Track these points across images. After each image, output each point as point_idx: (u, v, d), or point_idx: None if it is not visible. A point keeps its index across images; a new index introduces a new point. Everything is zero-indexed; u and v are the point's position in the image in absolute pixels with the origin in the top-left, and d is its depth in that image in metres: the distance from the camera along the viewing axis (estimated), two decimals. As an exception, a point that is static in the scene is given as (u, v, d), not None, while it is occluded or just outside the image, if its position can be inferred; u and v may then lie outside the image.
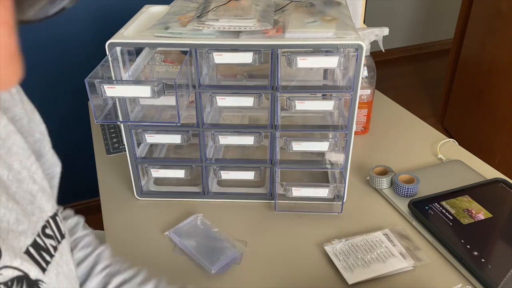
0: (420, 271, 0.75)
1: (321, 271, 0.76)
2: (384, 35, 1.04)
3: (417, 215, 0.84)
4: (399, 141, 1.12)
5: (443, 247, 0.78)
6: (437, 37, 3.66)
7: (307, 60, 0.74)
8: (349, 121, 0.81)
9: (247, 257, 0.79)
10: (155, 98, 0.70)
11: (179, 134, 0.85)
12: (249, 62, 0.75)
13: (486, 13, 2.14)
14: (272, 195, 0.91)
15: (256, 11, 0.81)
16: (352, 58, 0.74)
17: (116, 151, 1.10)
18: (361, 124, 1.14)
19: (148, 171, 0.90)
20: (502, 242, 0.77)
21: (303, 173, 0.99)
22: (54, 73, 1.66)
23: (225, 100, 0.80)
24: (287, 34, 0.76)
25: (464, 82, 2.39)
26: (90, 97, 0.69)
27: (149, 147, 0.96)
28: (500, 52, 2.03)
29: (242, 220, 0.87)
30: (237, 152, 1.03)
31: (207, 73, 0.88)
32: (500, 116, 2.07)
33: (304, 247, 0.81)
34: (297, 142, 0.84)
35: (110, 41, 0.76)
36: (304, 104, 0.79)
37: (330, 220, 0.87)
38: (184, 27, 0.79)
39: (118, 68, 0.80)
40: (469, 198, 0.87)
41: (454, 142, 1.10)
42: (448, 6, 3.43)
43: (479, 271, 0.71)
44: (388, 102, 1.31)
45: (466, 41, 2.34)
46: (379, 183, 0.93)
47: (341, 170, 0.87)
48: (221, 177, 0.89)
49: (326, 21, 0.79)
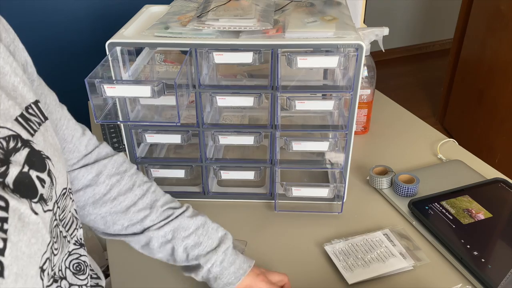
0: (420, 271, 0.75)
1: (321, 271, 0.76)
2: (384, 35, 1.04)
3: (417, 215, 0.84)
4: (399, 141, 1.12)
5: (443, 247, 0.78)
6: (437, 37, 3.66)
7: (307, 60, 0.74)
8: (349, 121, 0.81)
9: (247, 256, 0.79)
10: (155, 98, 0.70)
11: (179, 134, 0.85)
12: (249, 62, 0.75)
13: (486, 13, 2.14)
14: (272, 195, 0.91)
15: (256, 11, 0.81)
16: (352, 58, 0.74)
17: (116, 151, 1.10)
18: (361, 124, 1.14)
19: (148, 171, 0.90)
20: (502, 242, 0.77)
21: (303, 173, 0.99)
22: (54, 73, 1.66)
23: (225, 100, 0.80)
24: (287, 34, 0.76)
25: (464, 82, 2.39)
26: (90, 97, 0.69)
27: (149, 147, 0.96)
28: (500, 52, 2.03)
29: (242, 220, 0.87)
30: (237, 152, 1.03)
31: (207, 73, 0.88)
32: (500, 116, 2.07)
33: (304, 246, 0.81)
34: (297, 142, 0.84)
35: (110, 41, 0.76)
36: (304, 104, 0.79)
37: (330, 220, 0.87)
38: (184, 27, 0.79)
39: (118, 68, 0.80)
40: (469, 198, 0.87)
41: (454, 142, 1.10)
42: (448, 6, 3.43)
43: (479, 271, 0.71)
44: (388, 102, 1.31)
45: (466, 41, 2.34)
46: (379, 183, 0.92)
47: (341, 170, 0.87)
48: (221, 177, 0.89)
49: (326, 21, 0.79)
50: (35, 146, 0.43)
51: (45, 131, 0.47)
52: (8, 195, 0.37)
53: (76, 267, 0.54)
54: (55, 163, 0.46)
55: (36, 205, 0.41)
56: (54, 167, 0.46)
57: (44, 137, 0.46)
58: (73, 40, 1.65)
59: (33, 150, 0.43)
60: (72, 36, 1.64)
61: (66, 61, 1.67)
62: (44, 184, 0.43)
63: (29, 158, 0.42)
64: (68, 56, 1.67)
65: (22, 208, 0.39)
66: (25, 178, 0.41)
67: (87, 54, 1.68)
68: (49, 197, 0.44)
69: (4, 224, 0.36)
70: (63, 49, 1.65)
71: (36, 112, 0.46)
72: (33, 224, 0.40)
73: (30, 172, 0.41)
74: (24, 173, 0.41)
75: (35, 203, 0.41)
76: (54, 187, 0.45)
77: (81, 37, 1.66)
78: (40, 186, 0.43)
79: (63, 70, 1.67)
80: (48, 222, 0.43)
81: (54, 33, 1.60)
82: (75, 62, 1.68)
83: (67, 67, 1.67)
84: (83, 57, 1.68)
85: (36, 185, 0.42)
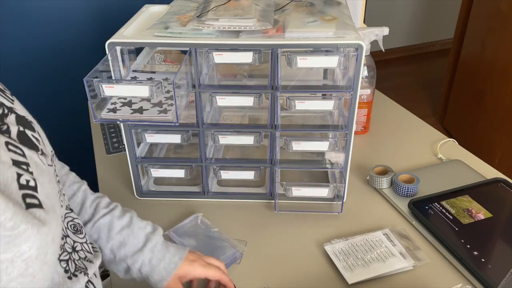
0: (420, 271, 0.75)
1: (321, 271, 0.76)
2: (384, 35, 1.04)
3: (417, 215, 0.84)
4: (399, 141, 1.11)
5: (443, 247, 0.78)
6: (437, 37, 3.66)
7: (307, 59, 0.74)
8: (349, 121, 0.81)
9: (247, 257, 0.79)
10: (154, 97, 0.70)
11: (179, 134, 0.85)
12: (249, 62, 0.75)
13: (486, 13, 2.14)
14: (272, 195, 0.91)
15: (256, 11, 0.81)
16: (352, 57, 0.74)
17: (116, 150, 1.10)
18: (361, 124, 1.13)
19: (148, 170, 0.90)
20: (502, 242, 0.77)
21: (303, 173, 0.99)
22: (54, 72, 1.66)
23: (225, 100, 0.80)
24: (287, 34, 0.76)
25: (464, 82, 2.38)
26: (89, 96, 0.69)
27: (149, 147, 0.96)
28: (500, 52, 2.03)
29: (242, 220, 0.87)
30: (237, 152, 1.03)
31: (207, 73, 0.88)
32: (500, 116, 2.07)
33: (304, 246, 0.81)
34: (297, 142, 0.84)
35: (110, 41, 0.76)
36: (304, 104, 0.79)
37: (330, 220, 0.87)
38: (184, 26, 0.78)
39: (118, 67, 0.80)
40: (469, 198, 0.87)
41: (454, 142, 1.10)
42: (448, 6, 3.43)
43: (479, 271, 0.71)
44: (388, 102, 1.31)
45: (466, 41, 2.34)
46: (379, 183, 0.92)
47: (341, 170, 0.87)
48: (221, 177, 0.89)
49: (326, 21, 0.79)
50: (18, 112, 0.46)
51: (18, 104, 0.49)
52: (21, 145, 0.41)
53: (73, 227, 0.55)
54: (37, 127, 0.48)
55: (41, 157, 0.44)
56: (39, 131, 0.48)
57: (21, 106, 0.48)
58: (73, 40, 1.65)
59: (18, 115, 0.45)
60: (72, 36, 1.64)
61: (66, 61, 1.67)
62: (39, 142, 0.46)
63: (18, 121, 0.45)
64: (68, 56, 1.67)
65: (34, 157, 0.42)
66: (24, 136, 0.44)
67: (87, 54, 1.68)
68: (47, 154, 0.47)
69: (28, 167, 0.40)
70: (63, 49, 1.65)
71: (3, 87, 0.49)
72: (46, 171, 0.44)
73: (26, 131, 0.44)
74: (21, 131, 0.44)
75: (40, 155, 0.44)
76: (45, 147, 0.48)
77: (81, 37, 1.65)
78: (37, 143, 0.45)
79: (63, 70, 1.67)
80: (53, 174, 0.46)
81: (54, 33, 1.60)
82: (74, 62, 1.68)
83: (67, 67, 1.67)
84: (83, 57, 1.68)
85: (34, 142, 0.45)
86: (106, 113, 0.76)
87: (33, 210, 0.38)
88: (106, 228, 0.65)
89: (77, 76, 1.30)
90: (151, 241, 0.66)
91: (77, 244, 0.54)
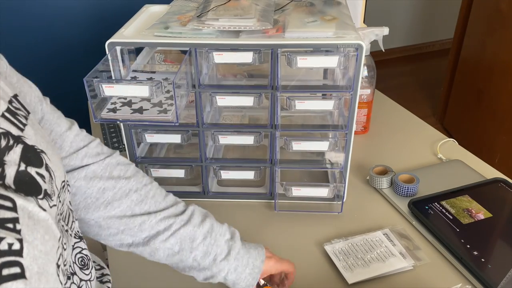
0: (420, 271, 0.75)
1: (321, 271, 0.76)
2: (384, 34, 1.04)
3: (417, 214, 0.84)
4: (399, 141, 1.11)
5: (443, 247, 0.78)
6: (437, 37, 3.66)
7: (307, 59, 0.74)
8: (349, 120, 0.81)
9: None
10: (154, 97, 0.70)
11: (179, 134, 0.85)
12: (249, 62, 0.75)
13: (486, 13, 2.14)
14: (272, 195, 0.91)
15: (256, 11, 0.81)
16: (352, 57, 0.74)
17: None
18: (361, 123, 1.13)
19: (148, 170, 0.89)
20: (502, 242, 0.77)
21: (303, 172, 0.99)
22: (54, 72, 1.66)
23: (225, 100, 0.80)
24: (287, 34, 0.76)
25: (464, 82, 2.38)
26: (89, 96, 0.69)
27: (149, 147, 0.96)
28: (500, 52, 2.03)
29: (242, 220, 0.87)
30: (237, 151, 1.03)
31: (207, 73, 0.88)
32: (500, 116, 2.07)
33: (304, 246, 0.81)
34: (297, 141, 0.84)
35: (110, 41, 0.76)
36: (304, 103, 0.79)
37: (330, 219, 0.87)
38: (184, 26, 0.78)
39: (118, 67, 0.80)
40: (469, 198, 0.87)
41: (454, 142, 1.10)
42: (448, 6, 3.43)
43: (479, 270, 0.71)
44: (388, 102, 1.31)
45: (466, 41, 2.34)
46: (379, 183, 0.92)
47: (341, 169, 0.87)
48: (221, 177, 0.89)
49: (326, 21, 0.79)
50: (28, 141, 0.42)
51: (33, 124, 0.45)
52: (13, 194, 0.36)
53: (81, 261, 0.53)
54: (50, 156, 0.45)
55: (43, 201, 0.40)
56: (50, 161, 0.44)
57: (35, 131, 0.44)
58: (73, 40, 1.65)
59: (27, 145, 0.41)
60: (72, 36, 1.64)
61: (66, 61, 1.67)
62: (44, 179, 0.42)
63: (24, 155, 0.40)
64: (68, 56, 1.67)
65: (29, 206, 0.38)
66: (25, 176, 0.39)
67: (87, 54, 1.68)
68: (52, 192, 0.43)
69: (16, 224, 0.35)
70: (63, 49, 1.65)
71: (19, 106, 0.44)
72: (43, 221, 0.39)
73: (28, 169, 0.40)
74: (22, 171, 0.39)
75: (41, 199, 0.40)
76: (54, 181, 0.44)
77: (81, 37, 1.65)
78: (42, 182, 0.41)
79: (63, 70, 1.67)
80: (55, 217, 0.42)
81: (54, 32, 1.60)
82: (75, 62, 1.68)
83: (67, 67, 1.67)
84: (83, 57, 1.68)
85: (38, 182, 0.41)
86: (106, 113, 0.76)
87: (7, 285, 0.32)
88: (188, 239, 0.62)
89: (77, 76, 1.31)
90: (234, 248, 0.64)
91: (83, 283, 0.52)
